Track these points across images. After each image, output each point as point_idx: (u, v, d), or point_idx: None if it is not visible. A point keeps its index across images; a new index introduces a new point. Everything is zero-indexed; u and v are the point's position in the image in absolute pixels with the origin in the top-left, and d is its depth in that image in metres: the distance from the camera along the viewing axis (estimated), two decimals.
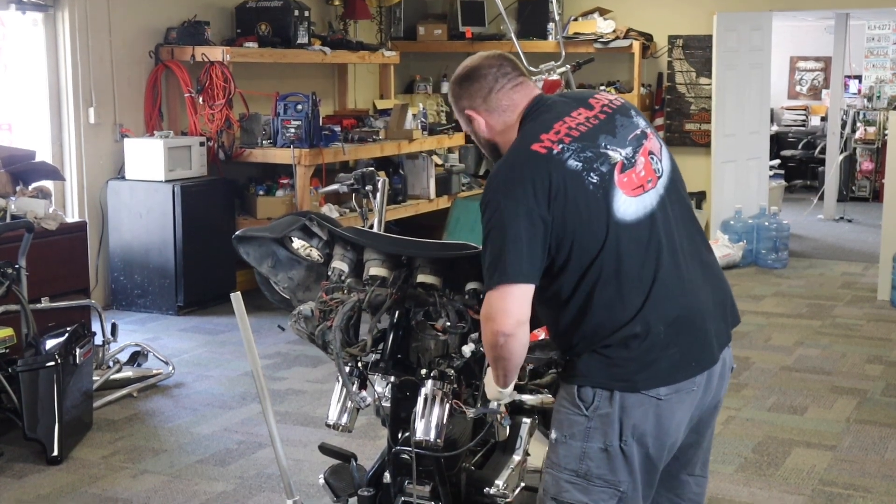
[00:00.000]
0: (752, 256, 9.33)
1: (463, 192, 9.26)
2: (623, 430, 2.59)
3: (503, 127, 2.73)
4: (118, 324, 5.94)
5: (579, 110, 2.67)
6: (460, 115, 2.81)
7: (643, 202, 2.60)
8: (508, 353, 2.53)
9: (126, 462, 4.79)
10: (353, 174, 3.51)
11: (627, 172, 2.60)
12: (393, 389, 3.00)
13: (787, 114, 14.89)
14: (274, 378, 5.97)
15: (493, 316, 2.48)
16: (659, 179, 2.67)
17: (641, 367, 2.57)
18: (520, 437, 3.21)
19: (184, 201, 7.27)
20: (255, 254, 3.15)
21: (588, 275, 2.55)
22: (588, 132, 2.62)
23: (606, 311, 2.56)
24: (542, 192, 2.50)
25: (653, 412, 2.59)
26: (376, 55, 9.17)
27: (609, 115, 2.69)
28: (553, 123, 2.62)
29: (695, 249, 2.70)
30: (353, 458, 3.27)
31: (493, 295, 2.49)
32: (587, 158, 2.56)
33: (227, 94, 7.57)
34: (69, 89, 7.27)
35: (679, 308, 2.60)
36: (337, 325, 2.88)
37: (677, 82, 10.13)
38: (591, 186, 2.54)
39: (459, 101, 2.78)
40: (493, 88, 2.72)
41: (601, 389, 2.59)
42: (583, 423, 2.60)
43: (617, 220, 2.55)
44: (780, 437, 5.14)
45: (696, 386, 2.64)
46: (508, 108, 2.72)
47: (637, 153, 2.65)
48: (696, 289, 2.65)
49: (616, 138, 2.64)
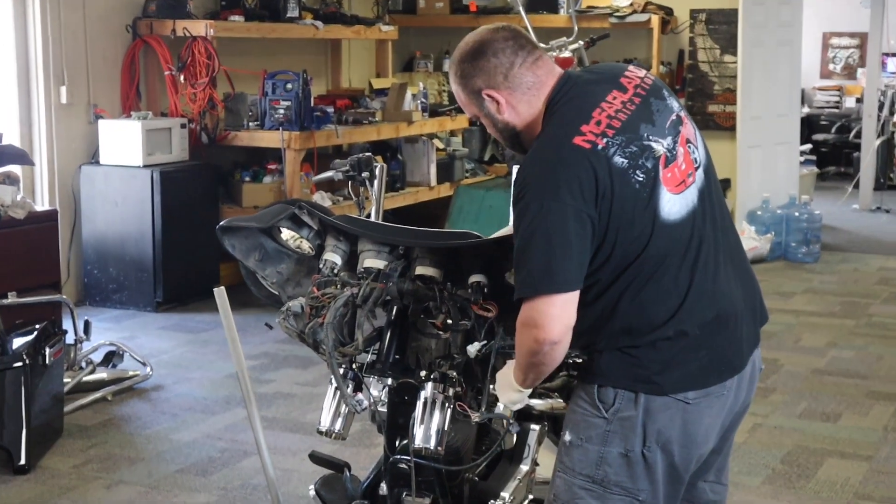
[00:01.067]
0: (780, 250, 9.32)
1: (466, 179, 9.26)
2: (647, 435, 2.59)
3: (527, 109, 2.67)
4: (91, 321, 5.94)
5: (613, 93, 2.63)
6: (472, 98, 2.70)
7: (686, 199, 2.60)
8: (551, 360, 2.54)
9: (99, 472, 4.79)
10: (349, 160, 3.51)
11: (671, 167, 2.59)
12: (390, 393, 2.99)
13: (819, 95, 14.87)
14: (261, 380, 5.97)
15: (539, 323, 2.47)
16: (697, 171, 2.66)
17: (669, 369, 2.57)
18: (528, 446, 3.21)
19: (163, 188, 7.27)
20: (240, 246, 3.14)
21: (624, 276, 2.55)
22: (628, 121, 2.58)
23: (639, 314, 2.56)
24: (590, 192, 2.47)
25: (680, 417, 2.59)
26: (373, 30, 9.16)
27: (644, 98, 2.65)
28: (591, 111, 2.58)
29: (728, 244, 2.71)
30: (346, 467, 3.27)
31: (543, 301, 2.47)
32: (632, 154, 2.54)
33: (210, 71, 7.56)
34: (39, 66, 7.26)
35: (714, 310, 2.61)
36: (329, 322, 2.88)
37: (699, 60, 10.12)
38: (636, 185, 2.52)
39: (472, 80, 2.68)
40: (514, 63, 2.64)
41: (624, 391, 2.59)
42: (601, 426, 2.60)
43: (662, 222, 2.55)
44: (811, 446, 5.14)
45: (727, 390, 2.65)
46: (534, 85, 2.65)
47: (677, 143, 2.63)
48: (731, 288, 2.66)
49: (656, 127, 2.61)
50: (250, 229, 3.11)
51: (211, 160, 7.81)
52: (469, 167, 9.55)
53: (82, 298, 7.54)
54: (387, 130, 8.40)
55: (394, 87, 8.81)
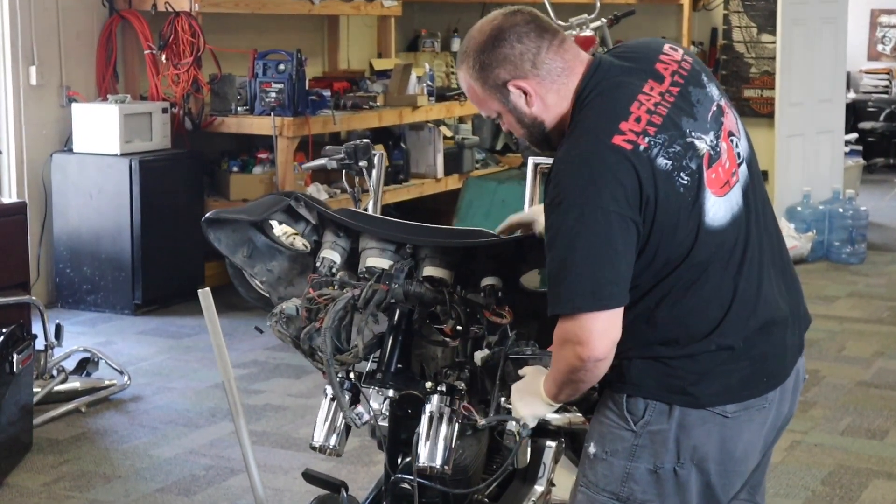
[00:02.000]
0: (822, 249, 9.31)
1: (477, 171, 9.26)
2: (681, 451, 2.59)
3: (556, 100, 2.63)
4: (63, 325, 5.95)
5: (650, 84, 2.60)
6: (493, 92, 2.65)
7: (730, 202, 2.59)
8: (593, 377, 2.53)
9: (72, 490, 4.80)
10: (344, 147, 3.51)
11: (715, 167, 2.58)
12: (391, 405, 2.99)
13: (866, 78, 14.85)
14: (249, 391, 5.98)
15: (583, 339, 2.46)
16: (740, 168, 2.65)
17: (706, 380, 2.57)
18: (543, 464, 3.21)
19: (143, 179, 7.27)
20: (227, 241, 3.14)
21: (664, 283, 2.55)
22: (669, 116, 2.56)
23: (678, 324, 2.56)
24: (634, 197, 2.46)
25: (717, 432, 2.59)
26: (374, 5, 9.16)
27: (682, 87, 2.62)
28: (629, 106, 2.54)
29: (771, 245, 2.70)
30: (343, 487, 3.27)
31: (586, 318, 2.46)
32: (676, 154, 2.52)
33: (195, 50, 7.57)
34: (6, 44, 7.27)
35: (759, 319, 2.61)
36: (327, 326, 2.88)
37: (734, 40, 10.11)
38: (681, 189, 2.51)
39: (493, 72, 2.63)
40: (541, 47, 2.60)
41: (656, 402, 2.59)
42: (629, 440, 2.61)
43: (706, 228, 2.54)
44: (855, 466, 5.13)
45: (769, 402, 2.65)
46: (563, 71, 2.62)
47: (719, 138, 2.61)
48: (775, 294, 2.66)
49: (697, 121, 2.59)
50: (239, 222, 3.11)
51: (195, 148, 7.82)
52: (479, 157, 9.55)
53: (53, 300, 7.55)
54: (389, 116, 8.40)
55: (397, 68, 8.81)
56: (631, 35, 9.92)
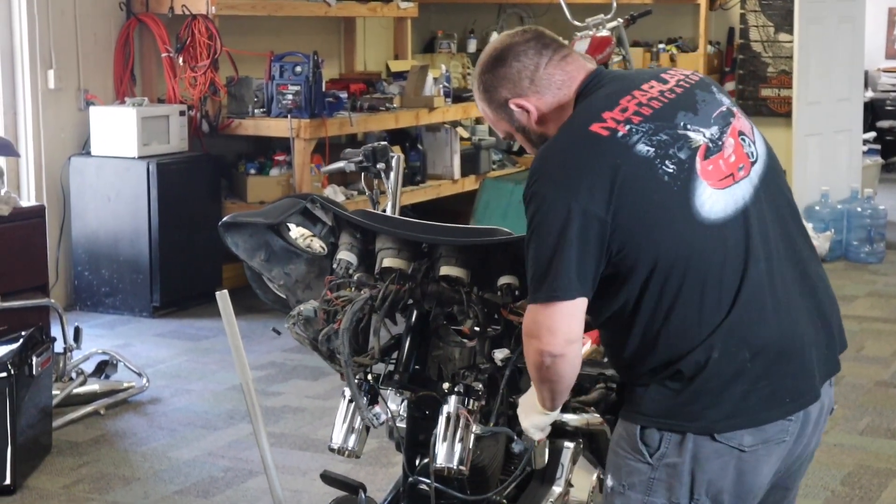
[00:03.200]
0: (841, 249, 9.28)
1: (493, 172, 9.26)
2: (695, 486, 2.52)
3: (557, 109, 2.64)
4: (82, 328, 5.96)
5: (651, 83, 2.61)
6: (499, 113, 2.69)
7: (733, 195, 2.53)
8: (556, 375, 2.51)
9: (91, 492, 4.81)
10: (363, 149, 3.52)
11: (713, 158, 2.53)
12: (409, 407, 3.00)
13: (884, 77, 14.80)
14: (267, 393, 5.99)
15: (537, 333, 2.45)
16: (753, 165, 2.59)
17: (719, 402, 2.49)
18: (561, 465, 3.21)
19: (160, 182, 7.29)
20: (244, 244, 3.15)
21: (658, 287, 2.47)
22: (663, 108, 2.55)
23: (680, 331, 2.49)
24: (602, 187, 2.42)
25: (733, 466, 2.52)
26: (390, 7, 9.17)
27: (687, 89, 2.62)
28: (619, 98, 2.55)
29: (793, 255, 2.61)
30: (361, 488, 3.27)
31: (538, 310, 2.45)
32: (661, 142, 2.49)
33: (212, 53, 7.58)
34: (24, 48, 7.30)
35: (769, 330, 2.51)
36: (345, 327, 2.88)
37: (751, 39, 10.09)
38: (665, 177, 2.46)
39: (496, 92, 2.66)
40: (540, 64, 2.63)
41: (670, 433, 2.52)
42: (645, 473, 2.55)
43: (700, 220, 2.48)
44: (874, 465, 5.12)
45: (789, 435, 2.56)
46: (564, 83, 2.64)
47: (724, 133, 2.57)
48: (792, 306, 2.56)
49: (698, 116, 2.57)
50: (256, 226, 3.12)
51: (212, 151, 7.83)
52: (496, 158, 9.54)
53: (72, 303, 7.57)
54: (406, 118, 8.40)
55: (413, 69, 8.81)
56: (648, 35, 9.93)
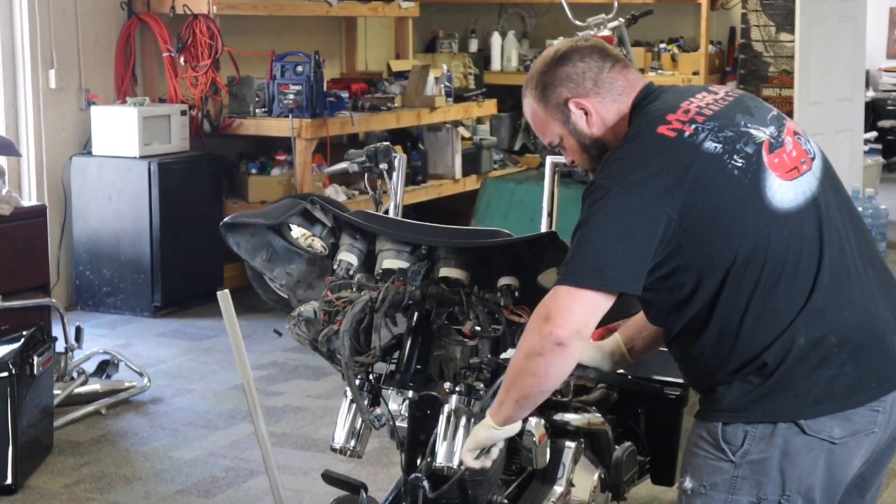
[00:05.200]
0: None
1: (495, 171, 9.25)
2: (785, 481, 2.50)
3: (617, 117, 2.63)
4: (83, 327, 5.96)
5: (702, 94, 2.63)
6: (554, 112, 2.66)
7: (801, 186, 2.54)
8: (543, 370, 2.46)
9: (92, 492, 4.81)
10: (365, 150, 3.52)
11: (777, 153, 2.55)
12: (410, 406, 3.00)
13: (885, 77, 14.80)
14: (269, 393, 5.99)
15: (552, 314, 2.41)
16: (813, 161, 2.61)
17: (806, 388, 2.47)
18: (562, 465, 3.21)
19: (161, 181, 7.29)
20: (246, 244, 3.16)
21: (737, 282, 2.46)
22: (721, 111, 2.57)
23: (761, 323, 2.46)
24: (673, 185, 2.42)
25: (823, 460, 2.50)
26: (391, 6, 9.17)
27: (737, 97, 2.65)
28: (680, 102, 2.57)
29: (863, 245, 2.62)
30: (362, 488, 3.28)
31: (566, 291, 2.41)
32: (727, 138, 2.50)
33: (213, 53, 7.58)
34: (25, 48, 7.29)
35: (852, 314, 2.51)
36: (346, 329, 2.89)
37: (753, 39, 10.08)
38: (735, 171, 2.47)
39: (555, 91, 2.64)
40: (604, 67, 2.63)
41: (757, 426, 2.49)
42: (728, 471, 2.52)
43: (773, 210, 2.48)
44: None
45: (877, 426, 2.54)
46: (625, 90, 2.64)
47: (781, 132, 2.60)
48: (871, 292, 2.56)
49: (754, 117, 2.59)
50: (257, 226, 3.13)
51: (214, 151, 7.83)
52: (498, 158, 9.54)
53: (73, 302, 7.57)
54: (407, 118, 8.40)
55: (415, 69, 8.81)
56: (650, 35, 9.92)
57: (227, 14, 7.76)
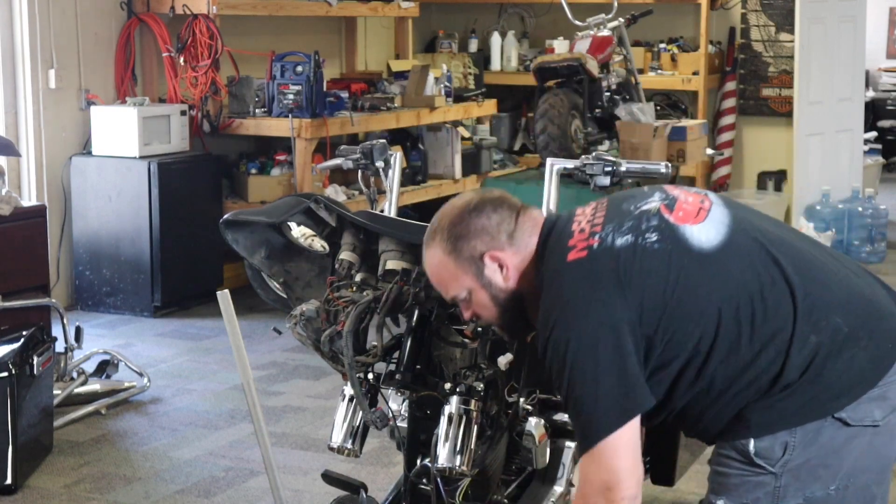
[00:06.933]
0: (842, 248, 9.26)
1: (494, 171, 9.25)
2: (835, 475, 2.48)
3: (526, 264, 2.59)
4: (83, 327, 5.96)
5: (580, 211, 2.61)
6: (465, 266, 2.58)
7: (714, 220, 2.54)
8: None
9: (92, 492, 4.81)
10: (360, 147, 3.52)
11: (676, 208, 2.55)
12: (410, 407, 3.00)
13: (885, 77, 14.80)
14: (269, 392, 5.99)
15: (611, 484, 2.37)
16: (707, 196, 2.62)
17: (834, 378, 2.46)
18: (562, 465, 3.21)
19: (161, 181, 7.29)
20: (245, 242, 3.15)
21: (726, 336, 2.45)
22: (608, 213, 2.55)
23: (764, 349, 2.45)
24: (615, 293, 2.41)
25: (867, 443, 2.49)
26: (391, 6, 9.17)
27: (610, 198, 2.65)
28: (570, 228, 2.55)
29: (804, 238, 2.66)
30: (362, 488, 3.28)
31: (603, 452, 2.38)
32: (631, 227, 2.50)
33: (213, 53, 7.58)
34: (25, 48, 7.29)
35: (839, 289, 2.52)
36: (349, 329, 2.88)
37: (753, 39, 10.08)
38: (656, 246, 2.47)
39: (468, 244, 2.57)
40: (514, 217, 2.59)
41: (796, 431, 2.47)
42: (770, 484, 2.50)
43: (708, 253, 2.48)
44: None
45: None
46: (530, 243, 2.60)
47: (667, 192, 2.60)
48: (837, 269, 2.57)
49: (636, 198, 2.59)
50: (258, 224, 3.12)
51: (214, 150, 7.83)
52: (497, 158, 9.54)
53: (73, 302, 7.57)
54: (407, 118, 8.40)
55: (414, 69, 8.81)
56: (649, 35, 9.92)
57: (226, 14, 7.76)
